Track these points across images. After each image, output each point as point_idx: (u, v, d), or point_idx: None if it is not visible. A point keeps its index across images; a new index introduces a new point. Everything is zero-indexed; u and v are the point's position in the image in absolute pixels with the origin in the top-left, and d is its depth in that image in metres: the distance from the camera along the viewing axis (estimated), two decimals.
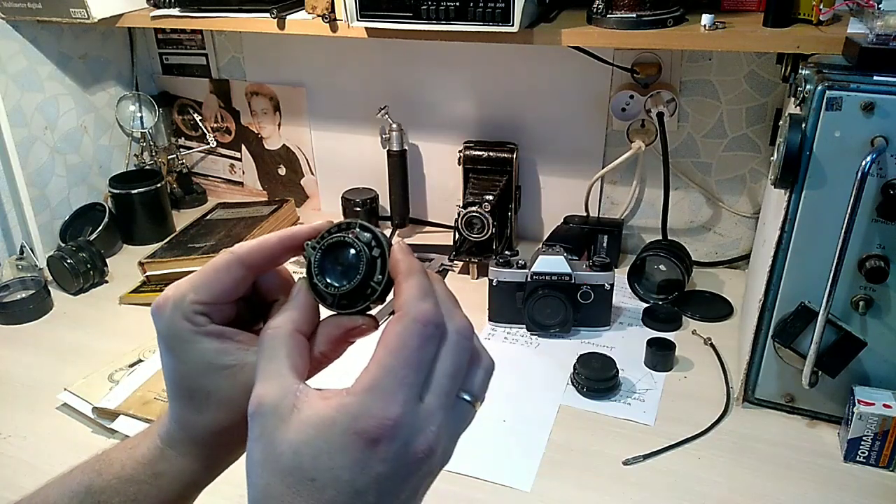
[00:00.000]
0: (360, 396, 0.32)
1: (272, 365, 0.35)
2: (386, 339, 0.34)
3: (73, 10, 1.07)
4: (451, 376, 0.34)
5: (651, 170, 1.12)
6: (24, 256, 1.13)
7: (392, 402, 0.32)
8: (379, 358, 0.33)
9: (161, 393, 0.82)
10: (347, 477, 0.32)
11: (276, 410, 0.33)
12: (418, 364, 0.33)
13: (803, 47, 0.79)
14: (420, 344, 0.34)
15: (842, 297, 0.72)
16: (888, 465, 0.73)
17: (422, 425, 0.33)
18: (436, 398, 0.34)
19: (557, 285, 0.93)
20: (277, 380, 0.34)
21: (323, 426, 0.32)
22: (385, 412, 0.32)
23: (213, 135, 1.40)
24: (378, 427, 0.32)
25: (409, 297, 0.35)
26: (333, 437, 0.32)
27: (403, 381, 0.33)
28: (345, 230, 0.38)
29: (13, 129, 1.12)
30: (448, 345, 0.35)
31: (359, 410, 0.32)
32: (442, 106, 1.20)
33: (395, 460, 0.32)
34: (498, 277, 0.96)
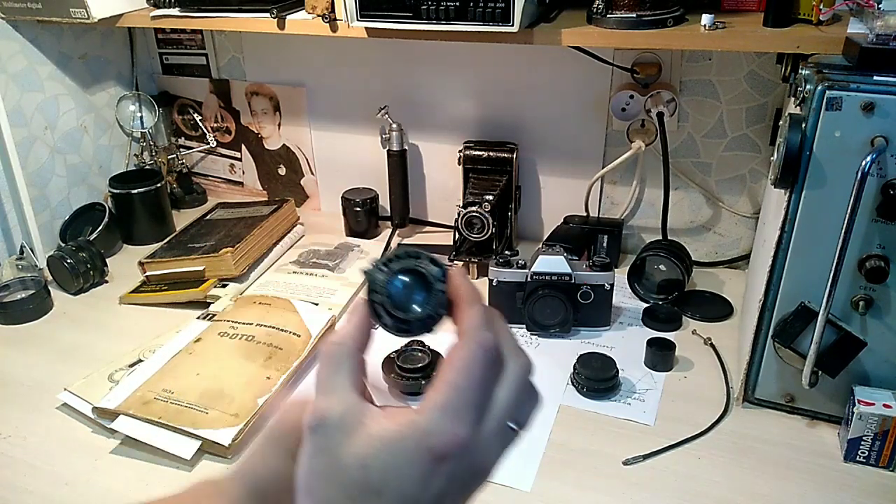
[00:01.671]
0: (430, 414, 0.34)
1: (334, 380, 0.36)
2: (453, 363, 0.35)
3: (73, 10, 1.07)
4: (509, 406, 0.36)
5: (651, 170, 1.12)
6: (24, 256, 1.13)
7: (460, 421, 0.34)
8: (448, 379, 0.35)
9: (161, 392, 0.82)
10: (412, 492, 0.33)
11: (341, 425, 0.34)
12: (483, 388, 0.35)
13: (803, 47, 0.79)
14: (484, 370, 0.36)
15: (842, 297, 0.72)
16: (888, 465, 0.73)
17: (482, 447, 0.35)
18: (494, 423, 0.35)
19: (557, 285, 0.93)
20: (341, 395, 0.35)
21: (392, 442, 0.33)
22: (455, 430, 0.34)
23: (213, 135, 1.40)
24: (448, 444, 0.33)
25: (472, 325, 0.37)
26: (403, 452, 0.33)
27: (470, 402, 0.34)
28: (414, 258, 0.40)
29: (13, 129, 1.12)
30: (509, 375, 0.37)
31: (430, 428, 0.33)
32: (442, 106, 1.20)
33: (456, 478, 0.34)
34: (498, 277, 0.96)
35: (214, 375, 0.86)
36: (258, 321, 0.96)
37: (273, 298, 1.03)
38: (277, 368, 0.88)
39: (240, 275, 1.11)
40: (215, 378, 0.85)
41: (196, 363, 0.88)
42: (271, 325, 0.95)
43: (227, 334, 0.93)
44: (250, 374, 0.86)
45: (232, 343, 0.92)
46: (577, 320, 0.95)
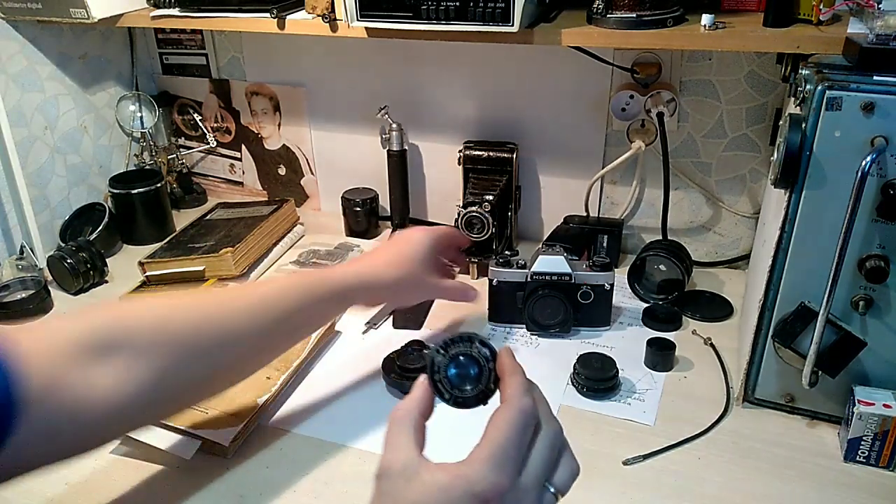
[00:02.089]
0: (475, 465, 0.41)
1: (399, 439, 0.44)
2: (496, 423, 0.43)
3: (73, 10, 1.07)
4: (543, 462, 0.44)
5: (651, 170, 1.12)
6: (24, 256, 1.13)
7: (502, 472, 0.41)
8: (491, 437, 0.43)
9: None
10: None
11: (403, 474, 0.42)
12: (520, 445, 0.43)
13: (803, 47, 0.79)
14: (523, 430, 0.44)
15: (842, 297, 0.72)
16: (888, 465, 0.73)
17: (520, 497, 0.42)
18: (531, 478, 0.43)
19: (557, 285, 0.93)
20: (404, 451, 0.43)
21: (444, 489, 0.41)
22: (497, 479, 0.41)
23: (213, 135, 1.40)
24: (490, 491, 0.41)
25: (514, 393, 0.45)
26: (453, 497, 0.40)
27: (510, 457, 0.42)
28: (468, 342, 0.48)
29: (13, 129, 1.12)
30: (543, 437, 0.45)
31: (475, 477, 0.41)
32: (442, 106, 1.20)
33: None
34: (498, 277, 0.95)
35: None
36: None
37: None
38: (277, 368, 0.88)
39: (240, 275, 1.11)
40: None
41: None
42: None
43: None
44: None
45: None
46: (577, 320, 0.95)
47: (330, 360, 0.93)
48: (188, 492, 0.73)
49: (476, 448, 0.42)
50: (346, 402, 0.85)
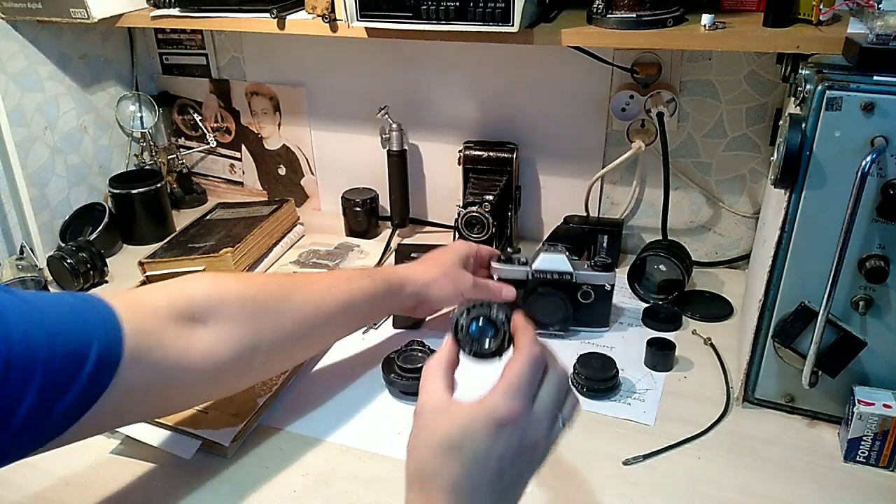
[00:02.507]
0: (495, 397, 0.50)
1: (431, 384, 0.54)
2: (511, 366, 0.53)
3: (73, 10, 1.07)
4: (552, 397, 0.53)
5: (651, 170, 1.12)
6: (24, 256, 1.13)
7: (516, 401, 0.50)
8: (507, 376, 0.52)
9: None
10: (482, 448, 0.49)
11: (435, 410, 0.52)
12: (532, 382, 0.52)
13: (803, 47, 0.79)
14: (534, 370, 0.53)
15: (842, 297, 0.72)
16: (888, 465, 0.73)
17: (533, 424, 0.51)
18: (542, 408, 0.52)
19: (558, 284, 0.93)
20: (436, 393, 0.53)
21: (469, 417, 0.50)
22: (512, 406, 0.50)
23: (213, 135, 1.40)
24: (506, 415, 0.50)
25: (526, 343, 0.54)
26: (476, 421, 0.50)
27: (523, 391, 0.51)
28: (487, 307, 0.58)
29: (13, 129, 1.12)
30: (551, 377, 0.54)
31: (493, 404, 0.50)
32: (442, 106, 1.20)
33: (513, 443, 0.50)
34: (499, 274, 0.95)
35: None
36: None
37: None
38: None
39: None
40: None
41: None
42: None
43: None
44: None
45: None
46: (577, 320, 0.95)
47: (330, 360, 0.93)
48: (188, 492, 0.73)
49: (495, 385, 0.51)
50: (346, 402, 0.85)
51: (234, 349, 0.67)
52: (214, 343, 0.65)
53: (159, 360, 0.60)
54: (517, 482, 0.52)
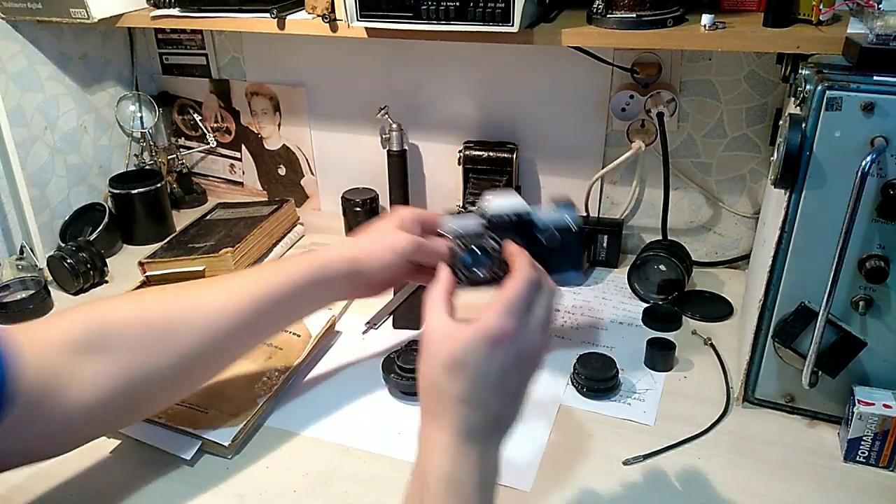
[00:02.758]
0: (491, 314, 0.54)
1: (433, 312, 0.57)
2: (507, 286, 0.56)
3: (73, 10, 1.07)
4: (545, 312, 0.57)
5: (651, 170, 1.12)
6: (24, 256, 1.13)
7: (511, 318, 0.54)
8: (502, 295, 0.55)
9: None
10: (483, 363, 0.53)
11: (440, 333, 0.55)
12: (526, 301, 0.56)
13: (803, 47, 0.79)
14: (528, 290, 0.56)
15: (842, 297, 0.72)
16: (888, 465, 0.73)
17: (528, 336, 0.55)
18: (536, 323, 0.56)
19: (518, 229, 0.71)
20: (438, 319, 0.57)
21: (471, 335, 0.53)
22: (507, 323, 0.54)
23: (213, 135, 1.40)
24: (502, 331, 0.53)
25: (521, 266, 0.58)
26: (478, 340, 0.53)
27: (518, 308, 0.55)
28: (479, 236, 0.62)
29: (13, 129, 1.12)
30: (544, 294, 0.58)
31: (490, 322, 0.54)
32: (442, 106, 1.20)
33: (512, 355, 0.54)
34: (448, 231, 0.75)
35: None
36: None
37: None
38: (277, 368, 0.88)
39: None
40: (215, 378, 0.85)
41: None
42: None
43: None
44: (250, 373, 0.86)
45: None
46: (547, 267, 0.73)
47: (330, 360, 0.93)
48: (188, 492, 0.73)
49: (493, 303, 0.55)
50: (346, 402, 0.85)
51: (118, 379, 0.63)
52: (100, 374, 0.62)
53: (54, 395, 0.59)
54: (519, 387, 0.57)
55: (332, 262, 0.76)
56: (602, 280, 1.11)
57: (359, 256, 0.76)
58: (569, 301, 1.05)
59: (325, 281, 0.76)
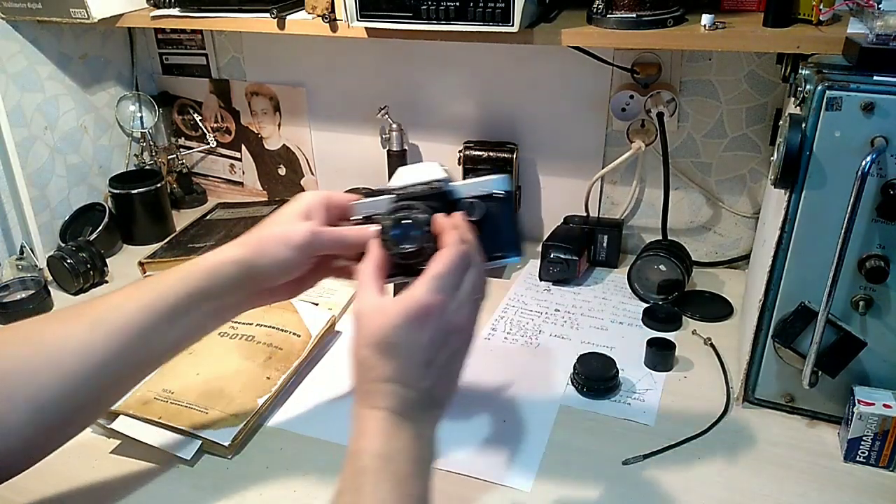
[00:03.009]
0: (421, 288, 0.54)
1: (365, 289, 0.57)
2: (437, 260, 0.56)
3: (73, 10, 1.07)
4: (473, 285, 0.58)
5: (651, 170, 1.12)
6: (24, 256, 1.13)
7: (440, 292, 0.55)
8: (432, 269, 0.55)
9: (161, 392, 0.83)
10: (412, 339, 0.54)
11: (370, 311, 0.55)
12: (455, 275, 0.56)
13: (803, 47, 0.79)
14: (458, 264, 0.56)
15: (842, 297, 0.72)
16: (888, 465, 0.73)
17: (457, 311, 0.56)
18: (465, 295, 0.56)
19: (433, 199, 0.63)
20: (369, 295, 0.57)
21: (399, 311, 0.53)
22: (437, 296, 0.54)
23: (213, 135, 1.40)
24: (431, 305, 0.54)
25: (452, 241, 0.58)
26: (405, 315, 0.53)
27: (447, 282, 0.55)
28: (408, 209, 0.60)
29: (13, 129, 1.12)
30: (473, 269, 0.58)
31: (419, 296, 0.54)
32: (442, 106, 1.20)
33: (441, 329, 0.54)
34: (360, 213, 0.67)
35: (214, 375, 0.86)
36: (258, 321, 0.96)
37: None
38: (277, 368, 0.88)
39: None
40: (215, 378, 0.85)
41: (196, 363, 0.88)
42: (271, 324, 0.95)
43: (227, 334, 0.93)
44: (250, 374, 0.86)
45: (232, 343, 0.92)
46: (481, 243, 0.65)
47: (330, 360, 0.93)
48: (188, 492, 0.73)
49: (421, 277, 0.55)
50: (345, 402, 0.85)
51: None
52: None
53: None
54: (451, 362, 0.57)
55: (216, 268, 0.64)
56: (602, 280, 1.11)
57: (248, 256, 0.64)
58: (569, 301, 1.05)
59: (212, 293, 0.64)
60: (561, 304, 1.05)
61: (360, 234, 0.64)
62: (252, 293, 0.67)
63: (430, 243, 0.60)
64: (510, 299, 1.06)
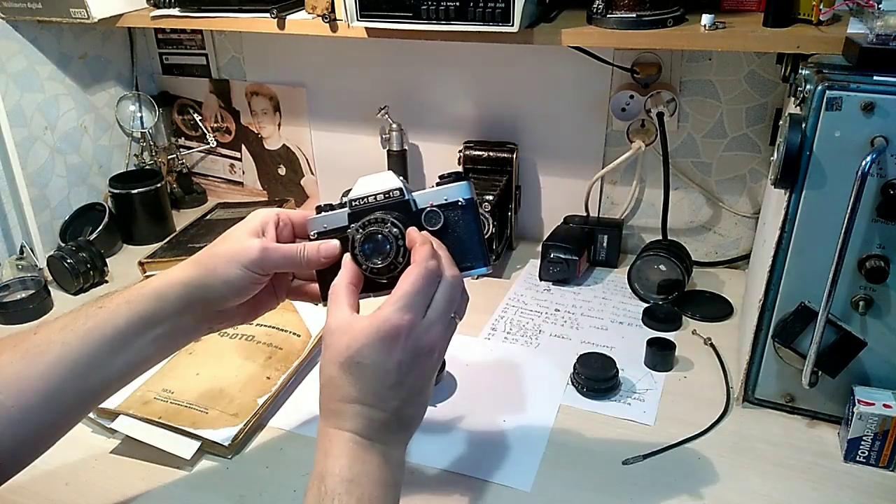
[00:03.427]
0: (389, 308, 0.53)
1: (336, 305, 0.56)
2: (405, 278, 0.54)
3: (73, 10, 1.07)
4: (446, 302, 0.55)
5: (651, 170, 1.12)
6: (24, 256, 1.13)
7: (409, 312, 0.53)
8: (401, 287, 0.54)
9: (161, 392, 0.83)
10: (382, 360, 0.52)
11: (339, 329, 0.54)
12: (424, 293, 0.54)
13: (803, 47, 0.79)
14: (428, 282, 0.54)
15: (842, 297, 0.72)
16: (888, 465, 0.73)
17: (427, 329, 0.54)
18: (436, 314, 0.54)
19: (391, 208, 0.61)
20: (340, 313, 0.55)
21: (367, 331, 0.52)
22: (405, 316, 0.53)
23: (213, 135, 1.40)
24: (401, 326, 0.52)
25: (422, 257, 0.55)
26: (373, 335, 0.52)
27: (416, 301, 0.54)
28: (381, 223, 0.59)
29: (13, 129, 1.12)
30: (444, 284, 0.56)
31: (387, 317, 0.52)
32: (442, 106, 1.20)
33: (409, 350, 0.53)
34: (316, 229, 0.64)
35: (214, 375, 0.86)
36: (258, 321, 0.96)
37: None
38: (277, 368, 0.88)
39: None
40: (215, 378, 0.85)
41: (196, 363, 0.88)
42: (271, 324, 0.95)
43: (227, 334, 0.93)
44: (250, 373, 0.86)
45: (232, 343, 0.92)
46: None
47: None
48: (188, 492, 0.73)
49: (390, 296, 0.54)
50: None
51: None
52: None
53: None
54: (421, 383, 0.55)
55: (164, 291, 0.60)
56: (602, 280, 1.11)
57: (197, 277, 0.61)
58: (569, 301, 1.05)
59: (159, 318, 0.60)
60: (561, 304, 1.05)
61: (316, 249, 0.61)
62: (203, 317, 0.63)
63: (402, 258, 0.58)
64: (510, 299, 1.06)
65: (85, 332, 0.58)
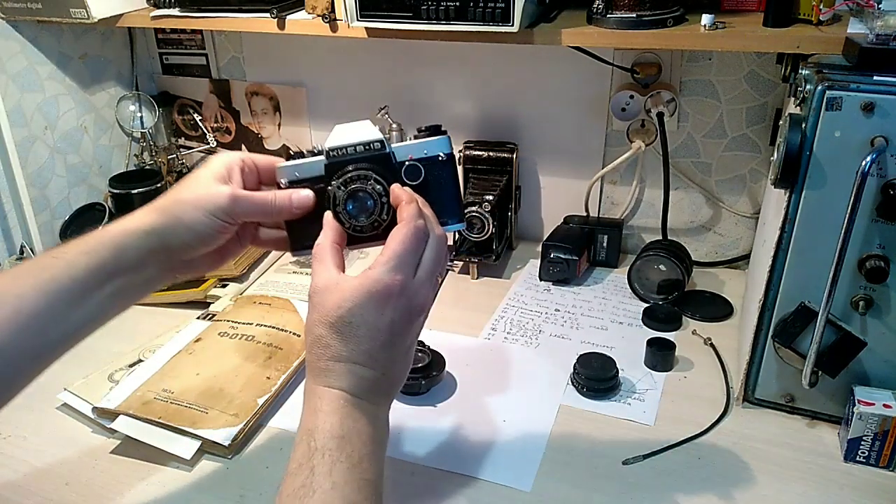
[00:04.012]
0: (379, 268, 0.53)
1: (321, 266, 0.55)
2: (395, 237, 0.54)
3: (73, 10, 1.07)
4: (433, 262, 0.56)
5: (651, 170, 1.12)
6: (24, 256, 1.13)
7: (400, 272, 0.53)
8: (390, 247, 0.53)
9: (161, 392, 0.83)
10: (372, 319, 0.52)
11: (326, 288, 0.53)
12: (414, 252, 0.54)
13: (803, 47, 0.79)
14: (416, 242, 0.54)
15: (842, 297, 0.72)
16: (888, 465, 0.73)
17: (417, 289, 0.54)
18: (425, 274, 0.55)
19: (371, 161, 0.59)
20: (325, 272, 0.54)
21: (356, 290, 0.52)
22: (396, 276, 0.52)
23: (213, 135, 1.40)
24: (391, 286, 0.52)
25: (409, 215, 0.55)
26: (364, 294, 0.52)
27: (406, 261, 0.53)
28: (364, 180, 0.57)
29: (13, 129, 1.12)
30: (431, 244, 0.56)
31: (379, 277, 0.52)
32: (442, 106, 1.20)
33: (401, 309, 0.53)
34: (286, 177, 0.62)
35: (214, 375, 0.86)
36: (258, 321, 0.96)
37: (273, 298, 1.04)
38: (277, 368, 0.88)
39: (240, 275, 1.11)
40: (215, 378, 0.85)
41: (196, 363, 0.88)
42: (271, 325, 0.95)
43: (227, 334, 0.93)
44: (250, 374, 0.86)
45: (232, 343, 0.92)
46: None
47: None
48: (188, 492, 0.73)
49: (379, 256, 0.53)
50: None
51: None
52: None
53: None
54: (409, 342, 0.56)
55: (125, 239, 0.57)
56: (602, 280, 1.11)
57: (161, 224, 0.57)
58: (569, 301, 1.05)
59: (120, 268, 0.57)
60: (561, 304, 1.05)
61: (288, 199, 0.59)
62: (166, 267, 0.60)
63: (386, 215, 0.57)
64: (510, 299, 1.06)
65: (41, 284, 0.53)
